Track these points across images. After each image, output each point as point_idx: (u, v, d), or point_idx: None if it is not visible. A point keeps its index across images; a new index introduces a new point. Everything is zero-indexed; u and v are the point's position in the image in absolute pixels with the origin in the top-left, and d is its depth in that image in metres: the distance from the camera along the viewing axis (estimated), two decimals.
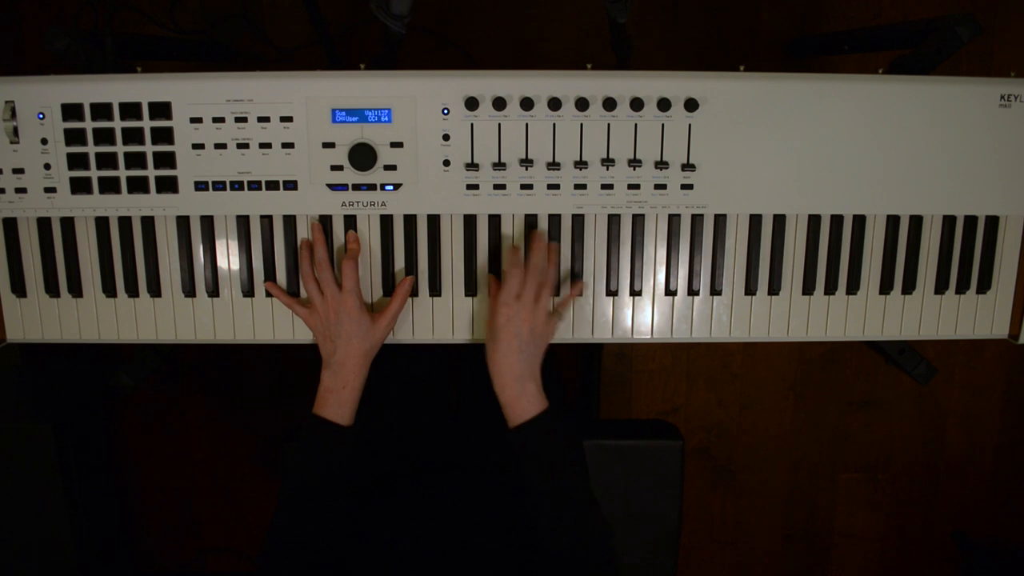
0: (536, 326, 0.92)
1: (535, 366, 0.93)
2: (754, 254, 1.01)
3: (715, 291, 1.02)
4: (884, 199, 1.00)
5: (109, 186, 0.96)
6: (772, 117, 0.96)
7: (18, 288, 1.00)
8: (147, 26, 1.38)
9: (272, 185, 0.96)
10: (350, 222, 0.99)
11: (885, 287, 1.03)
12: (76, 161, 0.95)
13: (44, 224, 0.98)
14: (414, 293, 1.01)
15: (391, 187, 0.97)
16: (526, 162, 0.96)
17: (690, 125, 0.96)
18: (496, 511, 1.00)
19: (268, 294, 1.00)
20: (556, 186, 0.97)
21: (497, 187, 0.97)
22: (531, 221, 0.99)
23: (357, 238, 0.98)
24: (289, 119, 0.94)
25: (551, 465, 0.90)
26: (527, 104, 0.94)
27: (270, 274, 0.99)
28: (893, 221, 1.02)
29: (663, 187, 0.98)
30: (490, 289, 0.99)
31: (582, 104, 0.94)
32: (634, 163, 0.97)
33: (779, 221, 1.01)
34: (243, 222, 0.98)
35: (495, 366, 0.92)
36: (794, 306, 1.03)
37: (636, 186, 0.98)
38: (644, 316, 1.03)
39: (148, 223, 0.98)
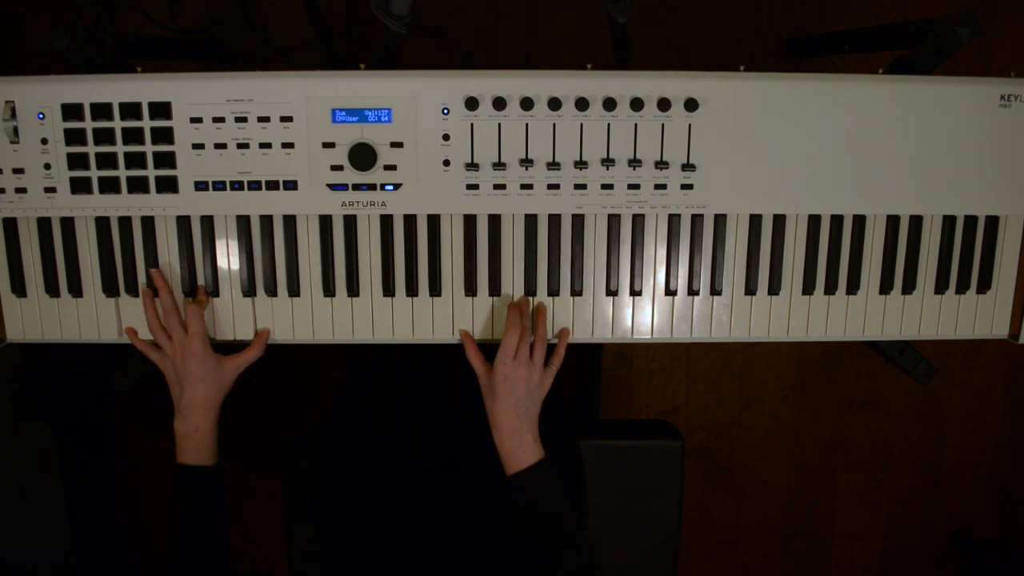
0: (531, 383, 0.95)
1: (533, 419, 0.96)
2: (754, 254, 1.01)
3: (715, 291, 1.02)
4: (884, 199, 1.00)
5: (109, 186, 0.95)
6: (772, 117, 0.96)
7: (18, 288, 1.00)
8: (147, 26, 1.38)
9: (272, 185, 0.96)
10: (350, 222, 0.99)
11: (885, 287, 1.03)
12: (76, 161, 0.95)
13: (44, 224, 0.98)
14: (414, 293, 1.01)
15: (391, 187, 0.97)
16: (526, 162, 0.96)
17: (690, 125, 0.96)
18: (495, 512, 1.01)
19: (271, 292, 1.00)
20: (556, 186, 0.97)
21: (497, 187, 0.97)
22: (531, 221, 0.99)
23: (205, 291, 0.99)
24: (289, 119, 0.94)
25: (543, 511, 0.93)
26: (527, 104, 0.94)
27: (269, 277, 1.00)
28: (893, 221, 1.02)
29: (663, 187, 0.98)
30: (466, 347, 1.00)
31: (582, 104, 0.94)
32: (634, 163, 0.97)
33: (779, 221, 1.01)
34: (243, 222, 0.98)
35: (494, 420, 0.95)
36: (794, 306, 1.03)
37: (636, 186, 0.97)
38: (644, 316, 1.03)
39: (148, 223, 0.98)
